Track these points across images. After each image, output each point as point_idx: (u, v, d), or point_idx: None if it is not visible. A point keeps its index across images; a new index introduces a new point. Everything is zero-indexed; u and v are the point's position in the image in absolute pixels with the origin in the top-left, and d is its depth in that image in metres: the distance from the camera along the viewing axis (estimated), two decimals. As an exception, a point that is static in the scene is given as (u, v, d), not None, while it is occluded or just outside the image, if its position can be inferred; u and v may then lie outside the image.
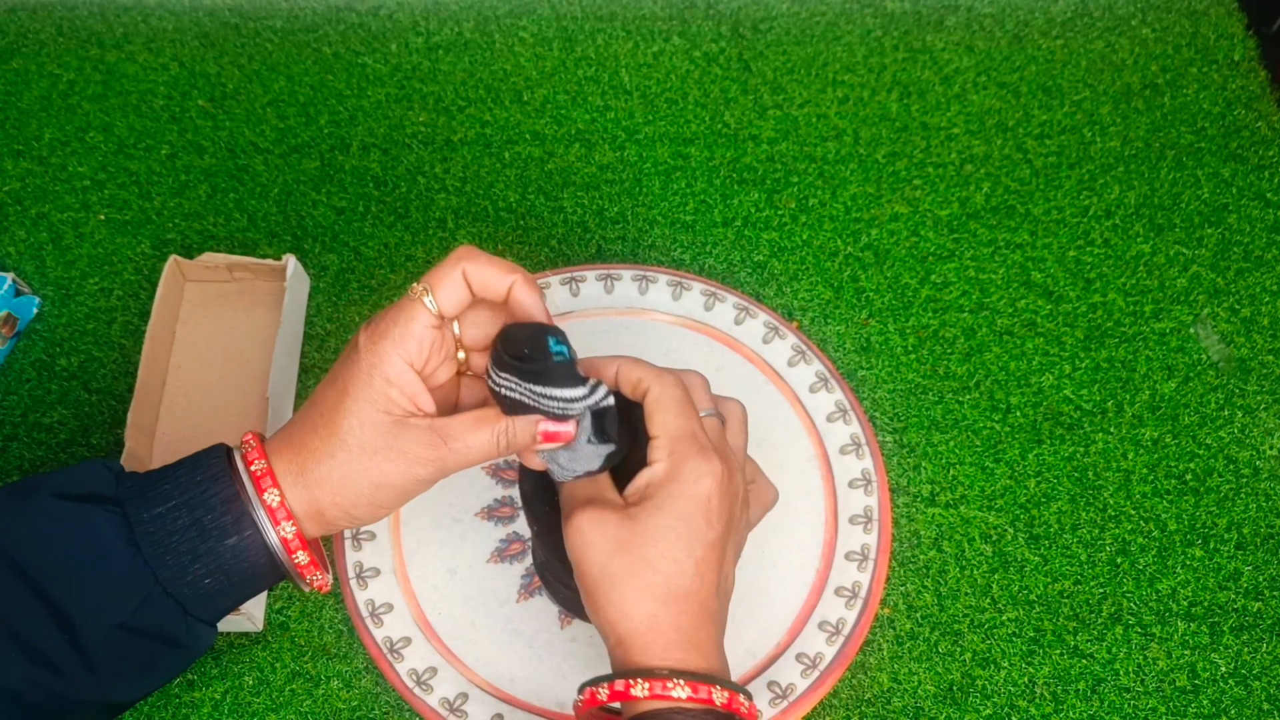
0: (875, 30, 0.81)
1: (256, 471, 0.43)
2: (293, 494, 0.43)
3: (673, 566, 0.43)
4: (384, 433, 0.43)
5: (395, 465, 0.43)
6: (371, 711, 0.56)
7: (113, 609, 0.41)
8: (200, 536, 0.42)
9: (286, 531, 0.43)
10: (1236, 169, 0.75)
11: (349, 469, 0.43)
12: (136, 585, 0.42)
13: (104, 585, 0.41)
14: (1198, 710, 0.57)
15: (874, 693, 0.57)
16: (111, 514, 0.42)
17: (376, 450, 0.43)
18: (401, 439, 0.43)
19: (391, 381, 0.43)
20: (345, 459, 0.43)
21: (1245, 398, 0.66)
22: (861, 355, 0.67)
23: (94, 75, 0.77)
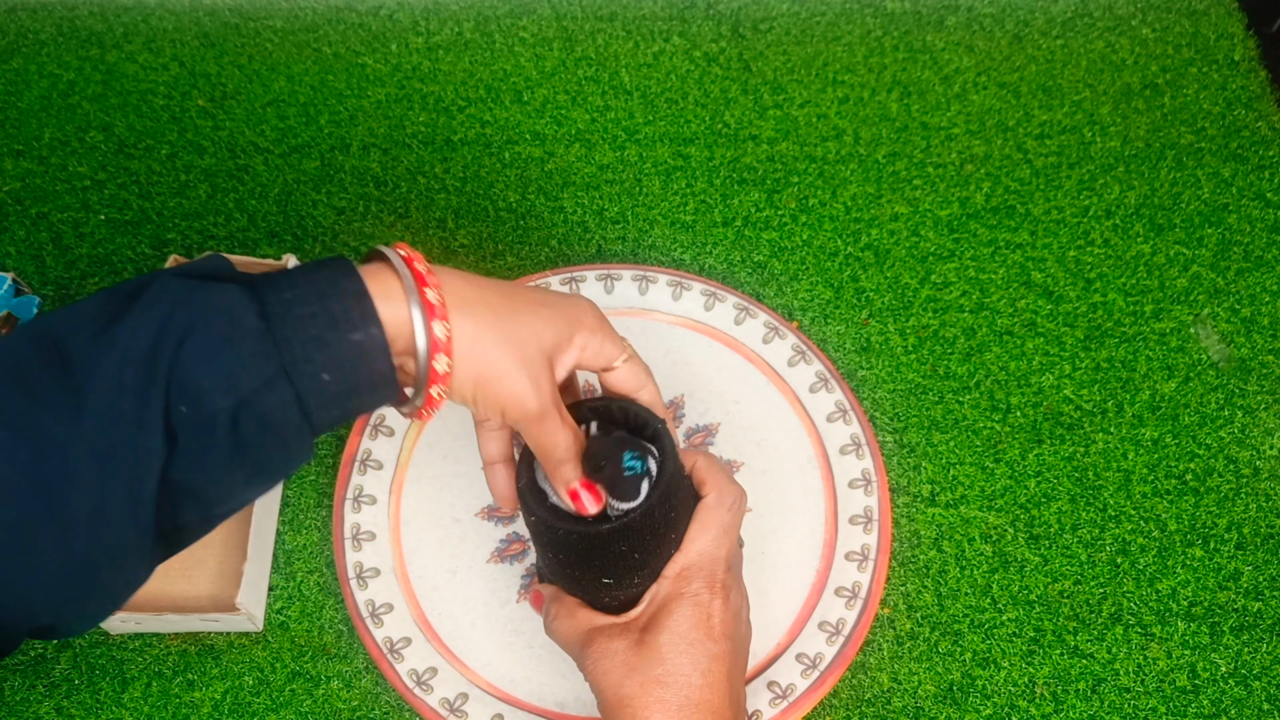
0: (875, 30, 0.81)
1: (420, 270, 0.43)
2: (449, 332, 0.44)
3: (682, 681, 0.46)
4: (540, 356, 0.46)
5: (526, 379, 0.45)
6: (372, 712, 0.56)
7: (235, 386, 0.40)
8: (328, 325, 0.41)
9: (439, 331, 0.43)
10: (1237, 169, 0.75)
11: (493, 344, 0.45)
12: (264, 363, 0.40)
13: (233, 358, 0.40)
14: (1198, 710, 0.57)
15: (874, 693, 0.57)
16: (245, 289, 0.41)
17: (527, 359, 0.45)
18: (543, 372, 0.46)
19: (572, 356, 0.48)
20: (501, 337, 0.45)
21: (1245, 398, 0.66)
22: (861, 355, 0.67)
23: (94, 75, 0.77)
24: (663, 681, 0.46)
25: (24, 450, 0.39)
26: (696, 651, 0.46)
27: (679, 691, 0.46)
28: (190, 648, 0.57)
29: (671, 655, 0.46)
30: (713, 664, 0.47)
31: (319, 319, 0.41)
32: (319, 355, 0.41)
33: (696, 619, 0.47)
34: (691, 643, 0.47)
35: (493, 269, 0.70)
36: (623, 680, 0.46)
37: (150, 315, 0.40)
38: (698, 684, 0.46)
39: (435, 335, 0.43)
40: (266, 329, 0.41)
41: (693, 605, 0.47)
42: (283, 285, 0.42)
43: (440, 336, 0.43)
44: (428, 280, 0.43)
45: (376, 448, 0.62)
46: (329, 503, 0.61)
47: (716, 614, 0.47)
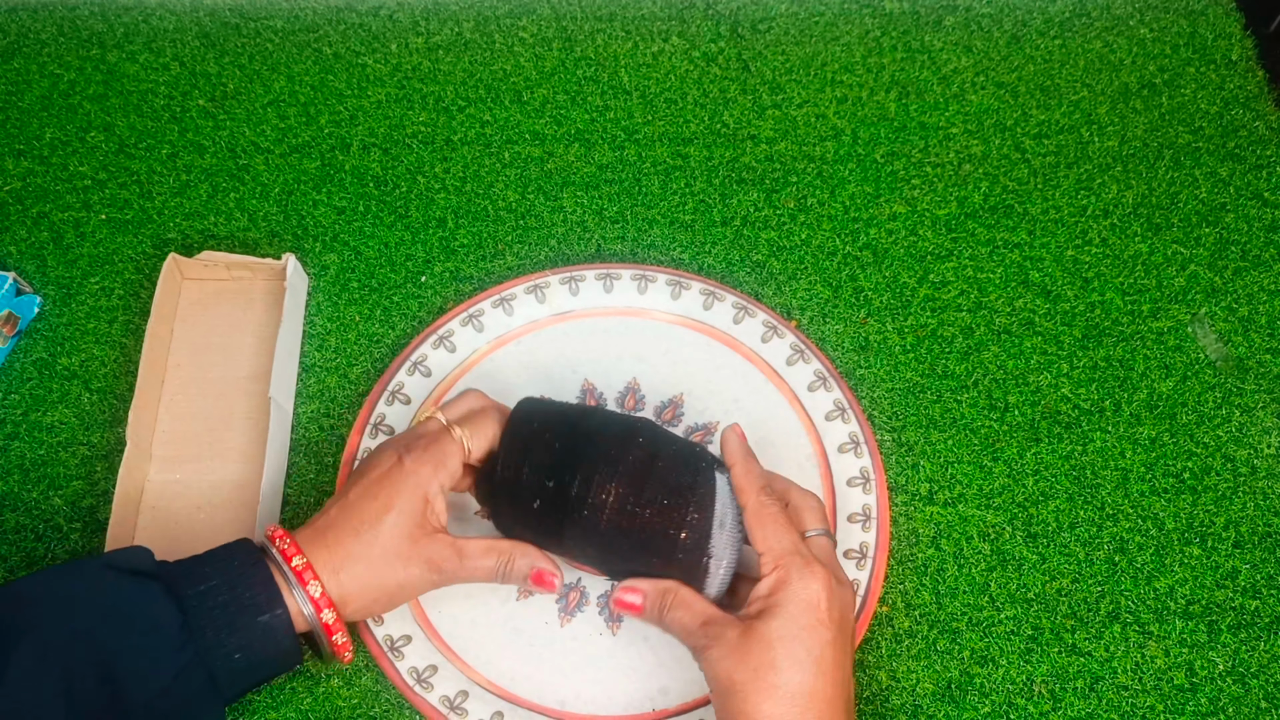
0: (874, 30, 0.81)
1: (297, 566, 0.49)
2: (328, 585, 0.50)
3: (794, 667, 0.46)
4: (416, 544, 0.51)
5: (418, 571, 0.51)
6: (372, 709, 0.56)
7: (157, 675, 0.45)
8: (239, 610, 0.47)
9: (328, 617, 0.49)
10: (1234, 168, 0.75)
11: (380, 571, 0.50)
12: (180, 653, 0.46)
13: (154, 651, 0.45)
14: (1195, 708, 0.57)
15: (872, 691, 0.57)
16: (163, 586, 0.47)
17: (408, 559, 0.51)
18: (428, 549, 0.51)
19: (429, 502, 0.51)
20: (380, 563, 0.50)
21: (1243, 396, 0.66)
22: (860, 354, 0.67)
23: (95, 75, 0.77)
24: (775, 667, 0.46)
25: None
26: (808, 638, 0.47)
27: (791, 678, 0.46)
28: (191, 646, 0.57)
29: (782, 642, 0.47)
30: (824, 651, 0.47)
31: (231, 607, 0.47)
32: (231, 639, 0.47)
33: (807, 605, 0.48)
34: (802, 628, 0.47)
35: (492, 268, 0.70)
36: (735, 668, 0.47)
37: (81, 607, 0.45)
38: (810, 671, 0.46)
39: (326, 623, 0.49)
40: (184, 623, 0.46)
41: (802, 592, 0.48)
42: (198, 577, 0.48)
43: (329, 621, 0.49)
44: (305, 577, 0.49)
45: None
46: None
47: (824, 601, 0.48)
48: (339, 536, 0.50)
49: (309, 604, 0.48)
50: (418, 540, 0.51)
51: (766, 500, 0.51)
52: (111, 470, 0.62)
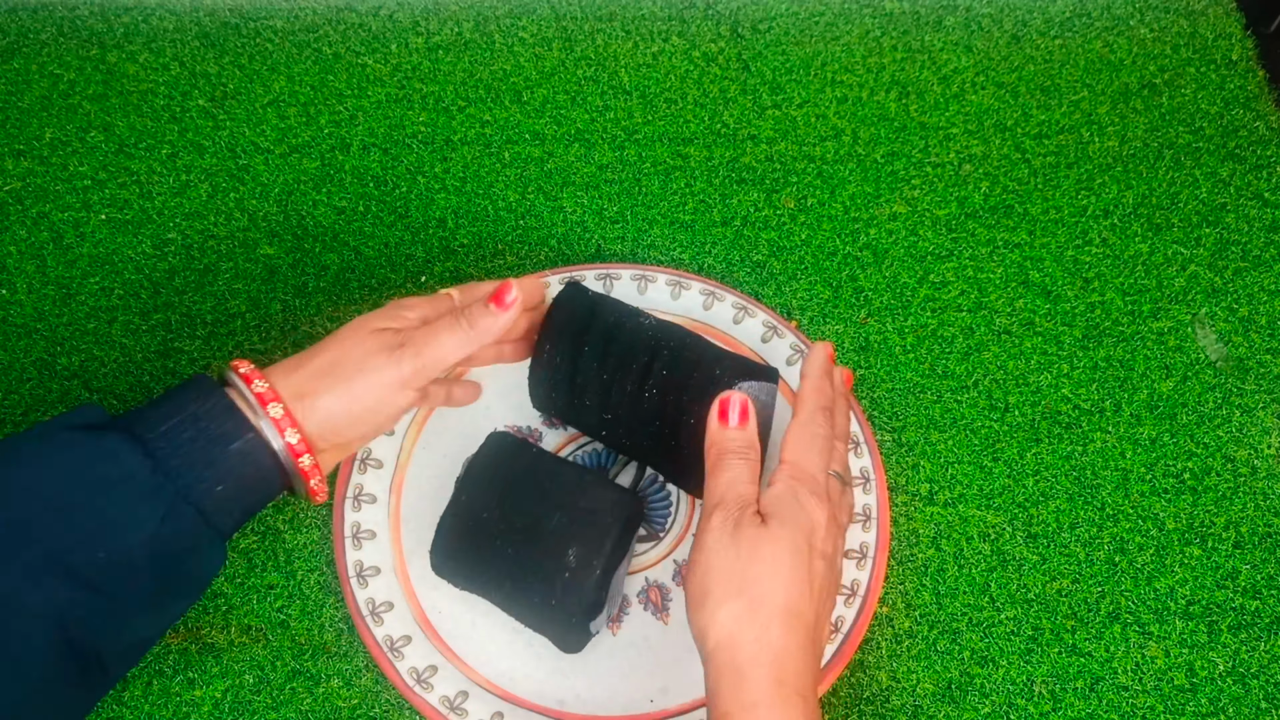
0: (874, 30, 0.81)
1: (259, 390, 0.48)
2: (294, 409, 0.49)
3: (773, 577, 0.45)
4: (368, 333, 0.51)
5: (375, 355, 0.50)
6: (372, 710, 0.56)
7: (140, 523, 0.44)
8: (209, 443, 0.46)
9: (291, 437, 0.48)
10: (1234, 169, 0.75)
11: (334, 370, 0.50)
12: (159, 496, 0.45)
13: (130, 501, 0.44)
14: (1195, 708, 0.57)
15: (872, 691, 0.57)
16: (124, 434, 0.45)
17: (358, 344, 0.50)
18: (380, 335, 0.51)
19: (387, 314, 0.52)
20: (331, 359, 0.50)
21: (1243, 397, 0.66)
22: (860, 354, 0.67)
23: (95, 75, 0.77)
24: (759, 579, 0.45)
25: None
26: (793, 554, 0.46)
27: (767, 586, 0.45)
28: (191, 646, 0.57)
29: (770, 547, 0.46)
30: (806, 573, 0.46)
31: (199, 441, 0.46)
32: (208, 472, 0.46)
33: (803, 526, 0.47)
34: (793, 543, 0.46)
35: (492, 268, 0.70)
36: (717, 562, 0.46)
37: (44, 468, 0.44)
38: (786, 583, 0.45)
39: (290, 444, 0.48)
40: (154, 466, 0.45)
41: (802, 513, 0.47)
42: (157, 419, 0.46)
43: (294, 442, 0.48)
44: (265, 397, 0.48)
45: (376, 447, 0.62)
46: (329, 501, 0.61)
47: (821, 530, 0.47)
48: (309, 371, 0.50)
49: (271, 426, 0.47)
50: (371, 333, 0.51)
51: (820, 420, 0.50)
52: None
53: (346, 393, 0.50)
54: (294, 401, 0.49)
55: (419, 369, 0.51)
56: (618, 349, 0.56)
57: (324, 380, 0.49)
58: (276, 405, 0.48)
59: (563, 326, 0.57)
